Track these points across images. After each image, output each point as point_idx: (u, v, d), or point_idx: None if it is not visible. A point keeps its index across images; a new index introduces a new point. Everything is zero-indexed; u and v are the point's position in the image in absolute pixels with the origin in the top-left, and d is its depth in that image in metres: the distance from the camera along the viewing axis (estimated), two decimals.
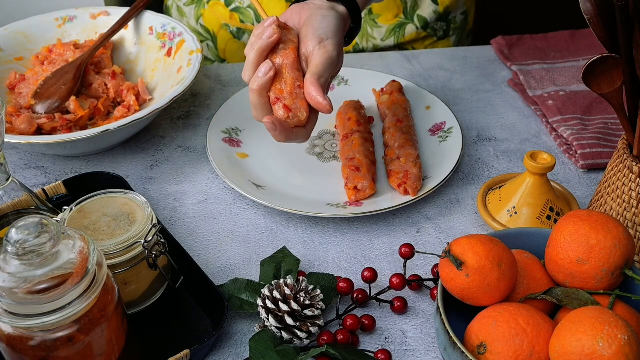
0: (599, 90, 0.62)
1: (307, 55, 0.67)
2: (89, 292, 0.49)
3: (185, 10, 1.13)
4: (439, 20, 1.09)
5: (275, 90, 0.66)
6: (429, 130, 0.89)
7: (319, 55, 0.66)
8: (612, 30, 0.59)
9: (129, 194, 0.64)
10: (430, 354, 0.63)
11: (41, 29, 0.98)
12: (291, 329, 0.61)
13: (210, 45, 1.14)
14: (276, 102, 0.66)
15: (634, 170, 0.63)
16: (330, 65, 0.66)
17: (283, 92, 0.66)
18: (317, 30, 0.67)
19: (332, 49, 0.66)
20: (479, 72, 1.04)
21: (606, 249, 0.56)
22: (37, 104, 0.87)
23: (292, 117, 0.66)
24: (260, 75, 0.65)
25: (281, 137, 0.66)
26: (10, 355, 0.51)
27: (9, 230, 0.48)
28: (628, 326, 0.50)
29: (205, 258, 0.73)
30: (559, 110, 0.92)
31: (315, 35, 0.67)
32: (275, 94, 0.66)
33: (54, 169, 0.85)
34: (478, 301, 0.58)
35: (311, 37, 0.67)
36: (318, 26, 0.67)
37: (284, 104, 0.65)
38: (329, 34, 0.67)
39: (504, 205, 0.74)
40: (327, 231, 0.76)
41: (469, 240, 0.58)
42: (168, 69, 0.93)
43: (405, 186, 0.76)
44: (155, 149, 0.88)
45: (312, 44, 0.66)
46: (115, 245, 0.59)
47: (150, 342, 0.63)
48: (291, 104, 0.65)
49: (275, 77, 0.66)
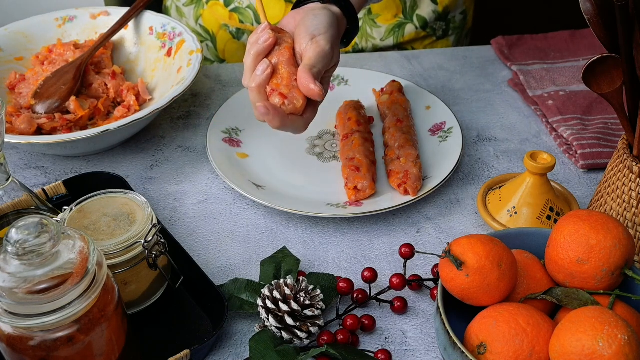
0: (599, 90, 0.62)
1: (301, 53, 0.68)
2: (89, 292, 0.49)
3: (184, 10, 1.13)
4: (438, 20, 1.09)
5: (272, 85, 0.67)
6: (429, 130, 0.89)
7: (311, 49, 0.67)
8: (612, 30, 0.59)
9: (129, 194, 0.64)
10: (430, 354, 0.63)
11: (41, 29, 0.98)
12: (291, 329, 0.61)
13: (209, 45, 1.14)
14: (272, 94, 0.67)
15: (634, 170, 0.63)
16: (323, 58, 0.67)
17: (279, 85, 0.67)
18: (309, 28, 0.68)
19: (324, 43, 0.67)
20: (479, 72, 1.04)
21: (606, 249, 0.56)
22: (37, 104, 0.87)
23: (288, 104, 0.66)
24: (259, 73, 0.66)
25: (275, 121, 0.67)
26: (10, 355, 0.51)
27: (9, 230, 0.48)
28: (628, 326, 0.50)
29: (205, 258, 0.73)
30: (559, 110, 0.92)
31: (308, 32, 0.68)
32: (271, 87, 0.67)
33: (54, 169, 0.85)
34: (478, 301, 0.58)
35: (304, 35, 0.68)
36: (310, 24, 0.69)
37: (280, 92, 0.66)
38: (320, 30, 0.68)
39: (504, 205, 0.74)
40: (327, 231, 0.76)
41: (469, 240, 0.58)
42: (168, 69, 0.93)
43: (405, 186, 0.76)
44: (155, 149, 0.88)
45: (305, 41, 0.68)
46: (115, 245, 0.59)
47: (150, 342, 0.63)
48: (287, 93, 0.66)
49: (272, 75, 0.67)
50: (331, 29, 0.69)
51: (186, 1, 1.12)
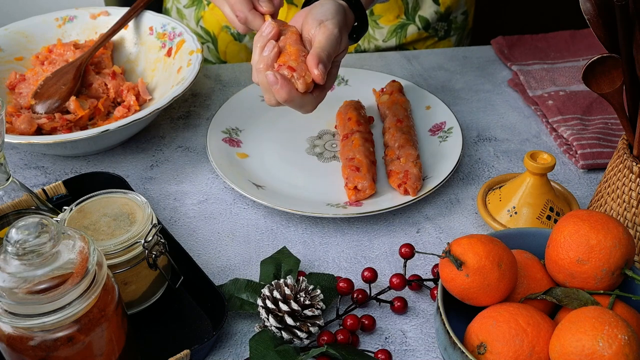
0: (599, 90, 0.62)
1: (310, 39, 0.68)
2: (89, 292, 0.49)
3: (185, 12, 1.12)
4: (440, 21, 1.09)
5: (280, 61, 0.66)
6: (429, 130, 0.89)
7: (320, 33, 0.67)
8: (612, 30, 0.59)
9: (129, 194, 0.64)
10: (430, 354, 0.63)
11: (41, 29, 0.98)
12: (291, 329, 0.61)
13: (210, 47, 1.13)
14: (279, 68, 0.65)
15: (634, 170, 0.63)
16: (333, 42, 0.67)
17: (287, 61, 0.66)
18: (315, 15, 0.68)
19: (333, 26, 0.67)
20: (479, 72, 1.04)
21: (606, 249, 0.56)
22: (37, 104, 0.87)
23: (297, 78, 0.65)
24: (266, 53, 0.66)
25: (282, 92, 0.65)
26: (10, 355, 0.51)
27: (9, 230, 0.48)
28: (628, 326, 0.50)
29: (205, 258, 0.73)
30: (559, 110, 0.92)
31: (315, 19, 0.68)
32: (279, 63, 0.66)
33: (54, 169, 0.85)
34: (478, 301, 0.58)
35: (311, 23, 0.68)
36: (317, 12, 0.69)
37: (288, 65, 0.65)
38: (327, 16, 0.68)
39: (504, 205, 0.74)
40: (327, 231, 0.76)
41: (469, 240, 0.58)
42: (168, 69, 0.93)
43: (405, 186, 0.76)
44: (155, 149, 0.88)
45: (313, 27, 0.67)
46: (115, 245, 0.59)
47: (150, 342, 0.63)
48: (296, 66, 0.65)
49: (279, 54, 0.66)
50: (338, 15, 0.69)
51: (187, 3, 1.12)
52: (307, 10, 0.70)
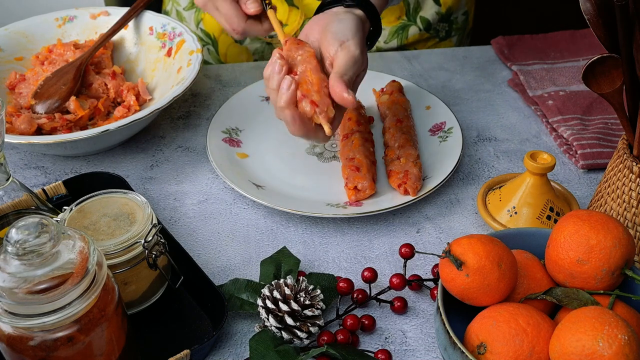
0: (599, 90, 0.62)
1: (331, 60, 0.68)
2: (89, 292, 0.49)
3: (184, 14, 1.12)
4: (441, 21, 1.09)
5: (302, 90, 0.66)
6: (429, 130, 0.89)
7: (341, 55, 0.66)
8: (612, 30, 0.59)
9: (129, 194, 0.64)
10: (430, 354, 0.63)
11: (41, 29, 0.98)
12: (291, 329, 0.61)
13: (211, 49, 1.13)
14: (302, 99, 0.65)
15: (634, 170, 0.63)
16: (354, 64, 0.67)
17: (310, 91, 0.65)
18: (336, 34, 0.68)
19: (354, 48, 0.67)
20: (479, 72, 1.04)
21: (606, 249, 0.56)
22: (37, 104, 0.87)
23: (320, 112, 0.65)
24: (284, 90, 0.65)
25: (300, 130, 0.66)
26: (10, 355, 0.51)
27: (9, 230, 0.48)
28: (628, 326, 0.50)
29: (205, 258, 0.73)
30: (559, 110, 0.92)
31: (336, 38, 0.67)
32: (302, 92, 0.66)
33: (54, 169, 0.85)
34: (478, 301, 0.58)
35: (332, 42, 0.67)
36: (336, 30, 0.68)
37: (311, 100, 0.65)
38: (348, 35, 0.68)
39: (504, 205, 0.74)
40: (327, 231, 0.76)
41: (469, 240, 0.58)
42: (168, 69, 0.93)
43: (405, 186, 0.76)
44: (155, 149, 0.88)
45: (334, 47, 0.67)
46: (115, 245, 0.59)
47: (150, 342, 0.63)
48: (318, 100, 0.65)
49: (302, 81, 0.66)
50: (358, 34, 0.69)
51: (187, 5, 1.11)
52: (324, 24, 0.69)
